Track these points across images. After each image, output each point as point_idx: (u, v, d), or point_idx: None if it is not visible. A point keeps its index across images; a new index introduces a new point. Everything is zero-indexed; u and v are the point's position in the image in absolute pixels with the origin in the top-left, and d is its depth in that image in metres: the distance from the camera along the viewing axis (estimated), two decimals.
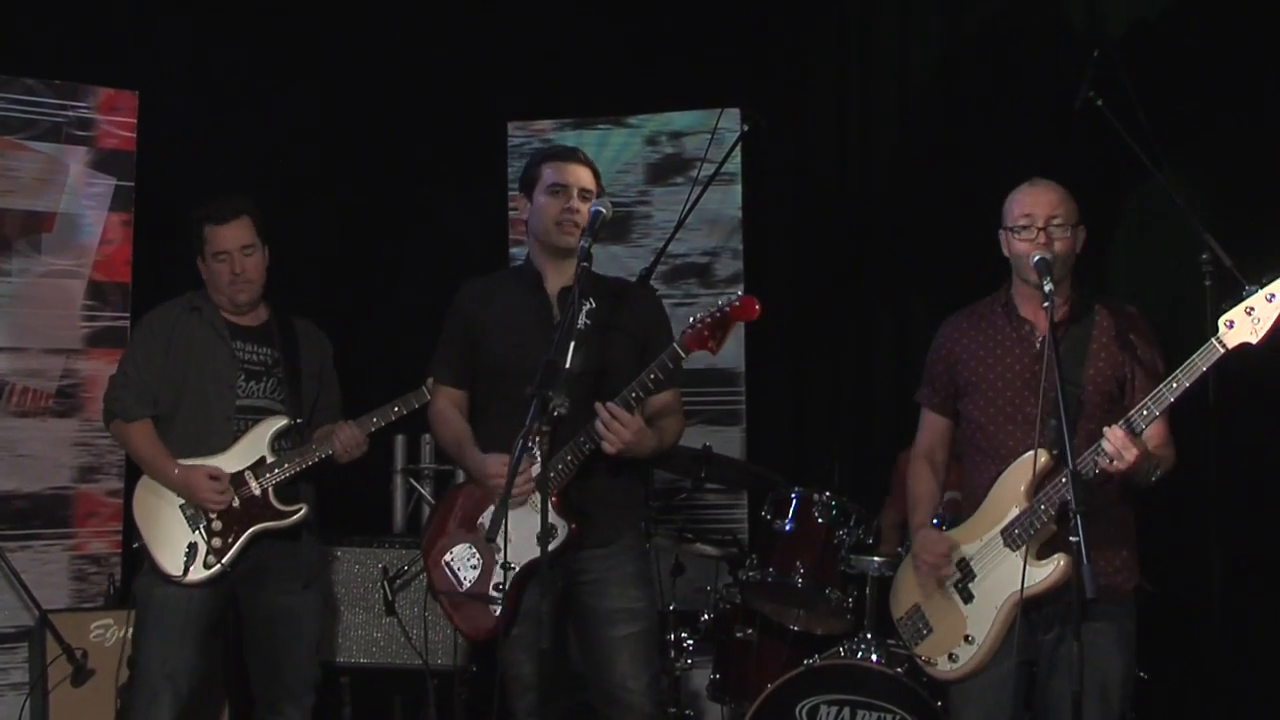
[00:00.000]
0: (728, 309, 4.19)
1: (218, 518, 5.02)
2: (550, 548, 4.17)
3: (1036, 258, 4.21)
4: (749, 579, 5.65)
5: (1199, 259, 5.02)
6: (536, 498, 4.26)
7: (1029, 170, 4.50)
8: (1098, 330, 4.36)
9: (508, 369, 4.45)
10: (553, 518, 4.25)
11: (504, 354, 4.49)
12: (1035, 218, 4.29)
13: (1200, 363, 3.98)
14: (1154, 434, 4.20)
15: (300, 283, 6.21)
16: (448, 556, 4.55)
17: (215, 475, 4.99)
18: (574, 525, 4.34)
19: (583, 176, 4.53)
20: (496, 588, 4.36)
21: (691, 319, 4.25)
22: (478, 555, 4.50)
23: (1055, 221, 4.29)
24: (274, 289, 5.29)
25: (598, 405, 4.21)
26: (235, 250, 5.12)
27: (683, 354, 4.22)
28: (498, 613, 4.35)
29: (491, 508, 4.38)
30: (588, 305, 4.46)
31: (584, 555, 4.42)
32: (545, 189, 4.51)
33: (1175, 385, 4.01)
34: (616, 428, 4.23)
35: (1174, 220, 5.42)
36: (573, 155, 4.57)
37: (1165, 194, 5.16)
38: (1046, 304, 4.11)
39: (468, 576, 4.50)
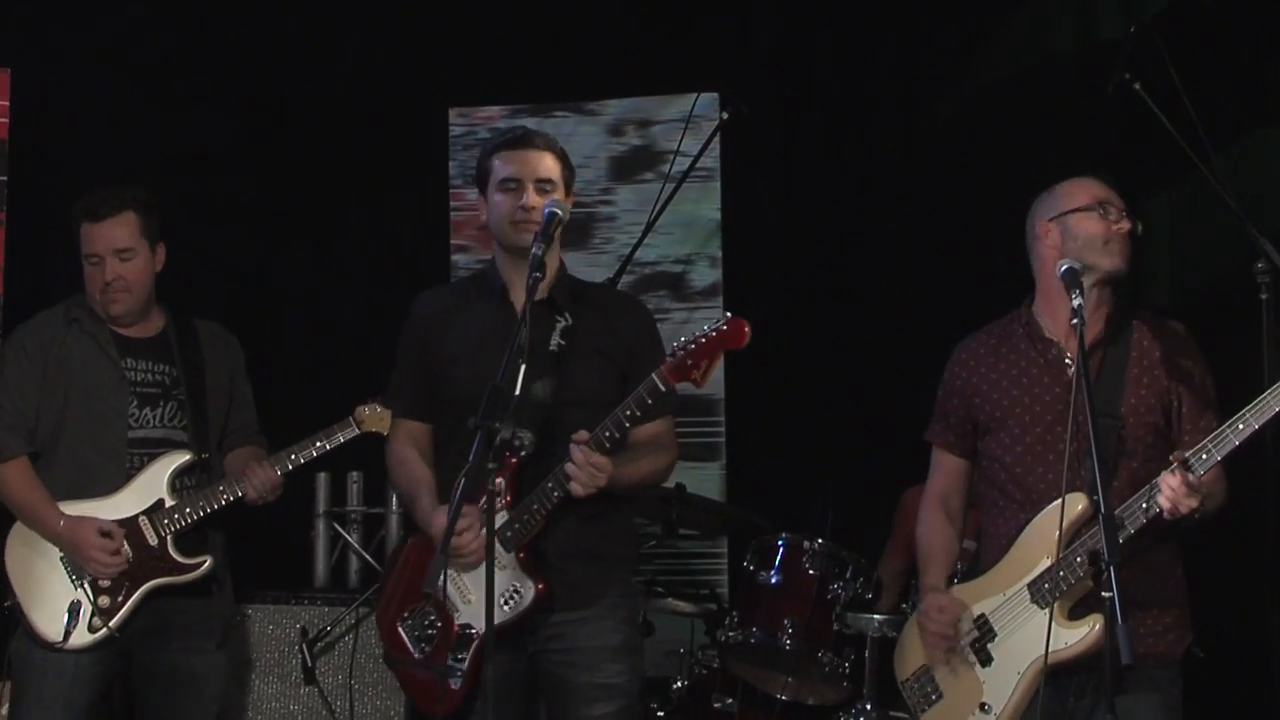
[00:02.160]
0: (713, 334, 4.16)
1: None
2: (512, 613, 4.20)
3: (1064, 267, 4.18)
4: (729, 640, 5.63)
5: (1254, 268, 4.99)
6: (500, 553, 4.22)
7: (1053, 164, 4.50)
8: (1136, 352, 4.33)
9: (471, 399, 4.33)
10: (517, 576, 4.25)
11: (466, 381, 4.41)
12: (1111, 198, 4.32)
13: (1274, 401, 3.97)
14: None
15: (206, 289, 6.19)
16: (403, 619, 4.50)
17: (107, 532, 4.92)
18: (541, 586, 4.29)
19: (541, 165, 4.47)
20: (457, 656, 4.31)
21: (673, 346, 4.21)
22: (435, 618, 4.44)
23: (1126, 213, 4.33)
24: (172, 294, 5.21)
25: (573, 445, 4.18)
26: (108, 254, 5.04)
27: (662, 387, 4.18)
28: (457, 685, 4.30)
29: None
30: (563, 322, 4.41)
31: (558, 620, 4.37)
32: (497, 185, 4.46)
33: (1242, 426, 3.99)
34: (590, 471, 4.18)
35: (1223, 222, 5.41)
36: (527, 141, 4.50)
37: (1213, 192, 5.14)
38: (1075, 321, 4.07)
39: (424, 644, 4.45)
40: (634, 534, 4.65)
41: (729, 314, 4.18)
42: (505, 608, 4.25)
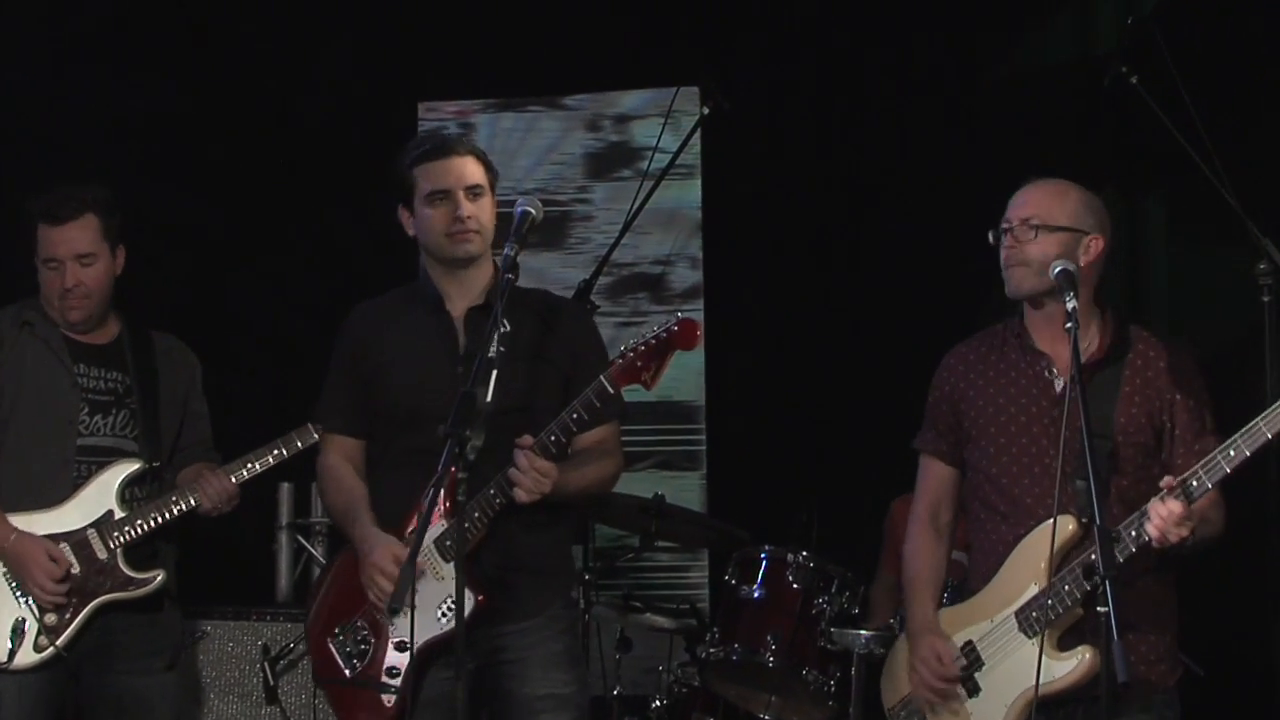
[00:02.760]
0: (664, 335, 4.15)
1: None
2: (447, 627, 4.17)
3: (1058, 268, 4.15)
4: (710, 657, 5.62)
5: (1256, 269, 4.99)
6: (439, 563, 4.23)
7: (1048, 161, 4.48)
8: (1130, 369, 4.31)
9: (407, 412, 4.39)
10: (454, 588, 4.16)
11: (402, 394, 4.44)
12: (1011, 218, 4.31)
13: (1265, 428, 3.95)
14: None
15: (162, 292, 6.15)
16: (334, 636, 4.48)
17: (56, 557, 4.87)
18: (481, 597, 4.23)
19: (466, 172, 4.47)
20: (390, 672, 4.29)
21: (621, 347, 4.21)
22: (368, 634, 4.42)
23: (1033, 221, 4.27)
24: (127, 298, 5.16)
25: (517, 451, 4.19)
26: (69, 259, 4.99)
27: (610, 389, 4.18)
28: (391, 703, 4.29)
29: None
30: (502, 328, 4.36)
31: (500, 631, 4.36)
32: (425, 199, 4.46)
33: (1233, 453, 3.97)
34: (535, 477, 4.18)
35: (1224, 223, 5.39)
36: (448, 148, 4.51)
37: (1214, 191, 5.13)
38: (1069, 324, 4.05)
39: (356, 660, 4.43)
40: (570, 546, 4.66)
41: (679, 314, 4.19)
42: (443, 620, 4.24)
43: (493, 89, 7.32)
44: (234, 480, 5.04)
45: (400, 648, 4.29)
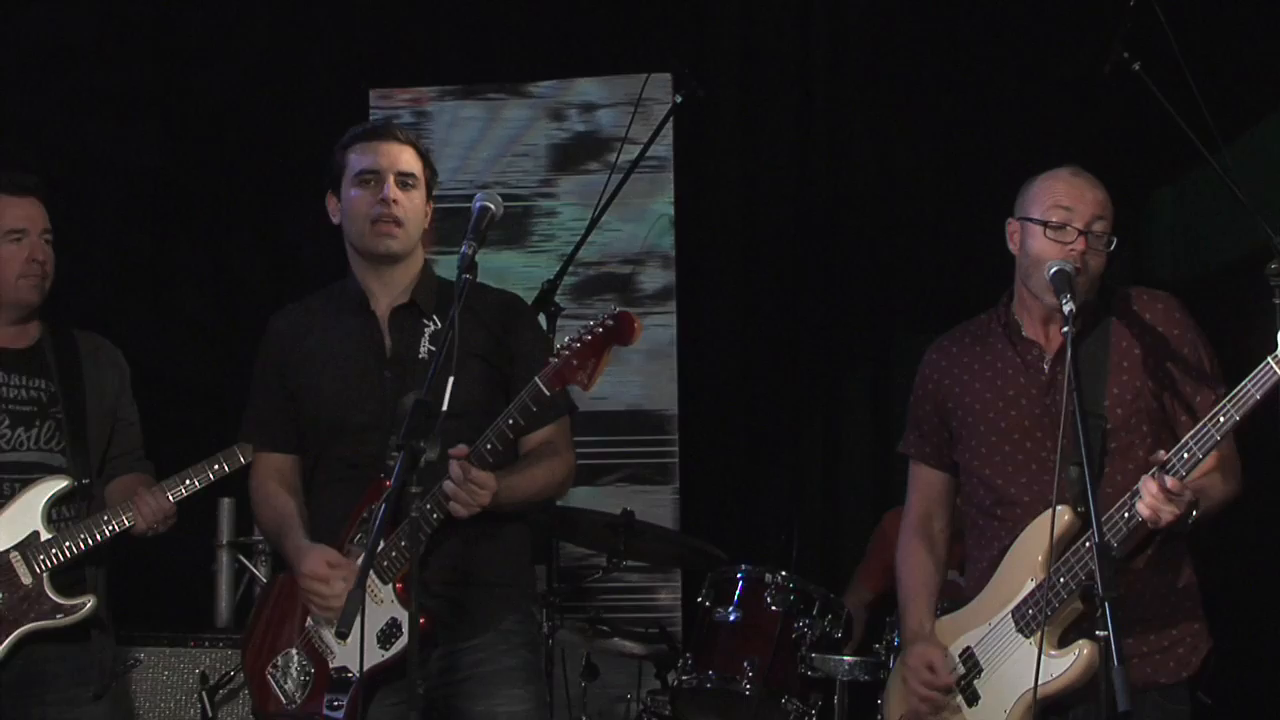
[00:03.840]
0: (599, 331, 4.14)
1: None
2: (392, 651, 4.18)
3: (1054, 269, 4.15)
4: (682, 684, 5.61)
5: (1267, 268, 4.98)
6: (376, 585, 4.22)
7: (1041, 156, 4.47)
8: (1117, 335, 4.32)
9: (333, 421, 4.39)
10: (395, 610, 4.21)
11: (327, 403, 4.44)
12: (1076, 214, 4.23)
13: (1254, 389, 3.95)
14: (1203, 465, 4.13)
15: (87, 296, 6.12)
16: (272, 666, 4.47)
17: None
18: (422, 620, 4.11)
19: (400, 157, 4.47)
20: (332, 704, 4.27)
21: (556, 345, 4.19)
22: (308, 663, 4.41)
23: (1098, 227, 4.25)
24: (48, 301, 5.11)
25: (452, 461, 4.16)
26: (36, 233, 5.00)
27: (546, 392, 4.16)
28: None
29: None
30: (430, 326, 4.42)
31: (450, 650, 4.37)
32: (353, 178, 4.47)
33: (1222, 420, 3.97)
34: (471, 489, 4.16)
35: (1233, 218, 5.40)
36: (386, 132, 4.52)
37: (1222, 184, 5.13)
38: (1066, 329, 4.03)
39: (295, 691, 4.42)
40: (527, 553, 4.62)
41: (616, 307, 4.17)
42: (384, 647, 4.24)
43: (450, 75, 7.31)
44: (171, 498, 5.01)
45: (340, 676, 4.28)
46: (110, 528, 4.97)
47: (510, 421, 4.17)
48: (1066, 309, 4.05)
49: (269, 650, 4.48)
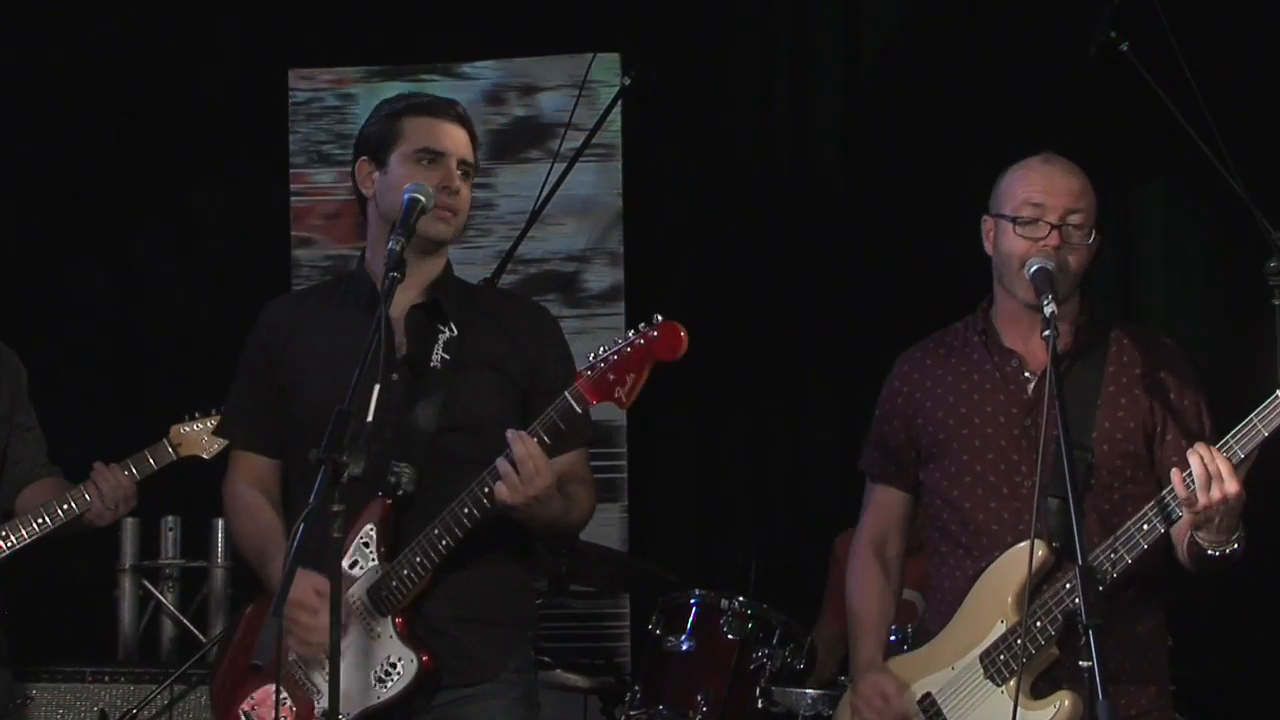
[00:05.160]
0: (641, 342, 4.10)
1: None
2: (389, 693, 4.14)
3: (1035, 267, 4.16)
4: (632, 719, 5.62)
5: (1265, 267, 5.01)
6: (375, 617, 4.17)
7: (1022, 143, 4.47)
8: (1113, 367, 4.32)
9: (324, 428, 4.30)
10: (394, 647, 4.18)
11: (321, 404, 4.28)
12: (1048, 208, 4.24)
13: (1261, 425, 3.96)
14: None
15: None
16: (247, 704, 4.40)
17: None
18: (426, 658, 4.22)
19: (462, 142, 4.44)
20: None
21: (590, 357, 4.14)
22: (289, 703, 4.32)
23: (1074, 219, 4.25)
24: None
25: (510, 434, 4.11)
26: None
27: (577, 408, 4.13)
28: None
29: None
30: (446, 333, 4.36)
31: (444, 700, 4.32)
32: (410, 155, 4.40)
33: (1227, 456, 3.97)
34: (530, 471, 4.08)
35: (1228, 212, 5.43)
36: (448, 109, 4.48)
37: (1217, 176, 5.16)
38: (1047, 333, 4.04)
39: None
40: (531, 588, 4.64)
41: (659, 316, 4.12)
42: (380, 687, 4.19)
43: (376, 54, 7.32)
44: (129, 475, 5.01)
45: None
46: (65, 509, 4.96)
47: (535, 440, 4.13)
48: (1047, 310, 4.04)
49: (241, 687, 4.40)
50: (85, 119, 7.23)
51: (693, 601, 5.62)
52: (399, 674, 4.19)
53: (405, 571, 4.20)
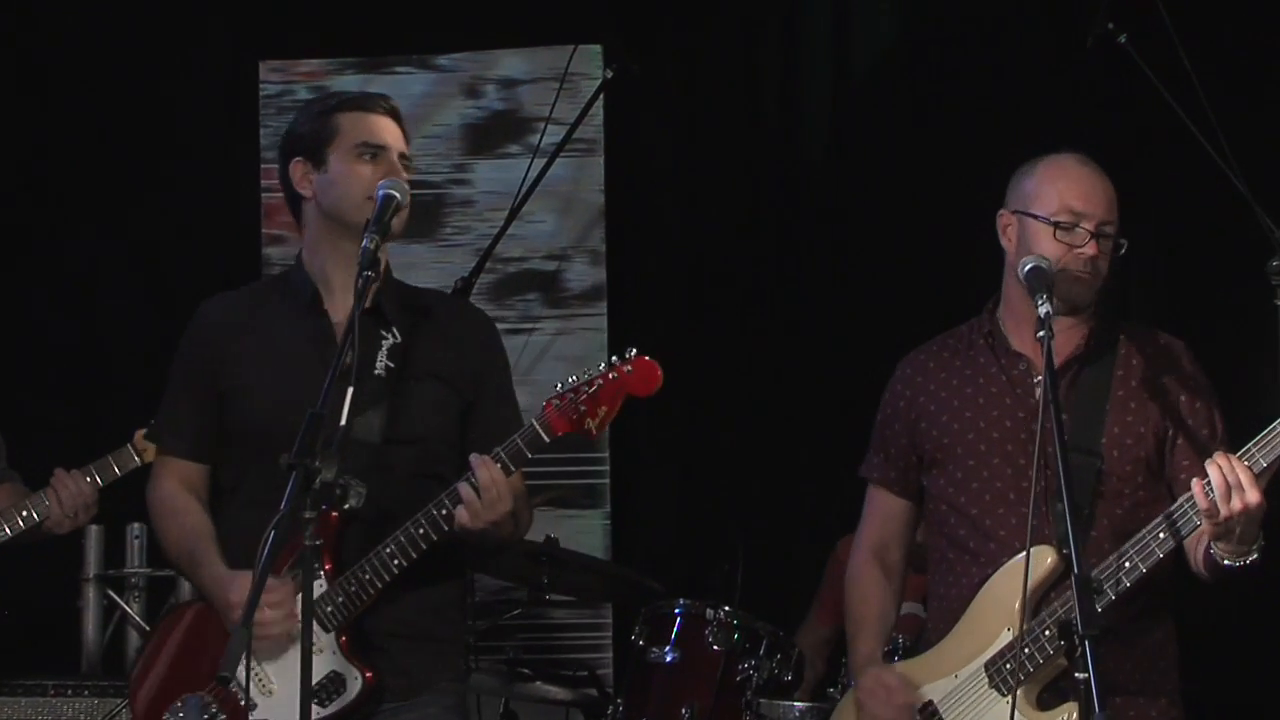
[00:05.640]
0: (613, 376, 4.18)
1: None
2: (330, 710, 4.15)
3: (1029, 265, 4.17)
4: None
5: (1268, 266, 5.02)
6: (319, 633, 4.16)
7: (1018, 139, 4.50)
8: (1122, 370, 4.34)
9: (270, 435, 4.32)
10: (337, 663, 4.18)
11: (264, 414, 4.39)
12: (1086, 216, 4.27)
13: None
14: None
15: None
16: (170, 714, 4.37)
17: None
18: (369, 675, 4.26)
19: (400, 137, 4.50)
20: None
21: (559, 387, 4.20)
22: (219, 712, 4.33)
23: (1108, 229, 4.30)
24: None
25: (474, 458, 4.18)
26: None
27: (545, 438, 4.22)
28: None
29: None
30: (390, 339, 4.38)
31: (375, 711, 4.34)
32: (351, 151, 4.43)
33: (1249, 465, 3.98)
34: (493, 496, 4.16)
35: (1228, 209, 5.43)
36: (382, 104, 4.53)
37: (1218, 172, 5.17)
38: (1041, 334, 4.05)
39: None
40: (464, 604, 4.73)
41: (634, 350, 4.18)
42: (320, 705, 4.20)
43: (350, 46, 7.30)
44: (90, 482, 5.00)
45: None
46: (24, 516, 4.95)
47: (499, 466, 4.18)
48: (1041, 311, 4.05)
49: (166, 696, 4.39)
50: (48, 112, 7.22)
51: (677, 611, 5.63)
52: (342, 690, 4.22)
53: (354, 589, 4.23)
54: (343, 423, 3.88)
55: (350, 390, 3.92)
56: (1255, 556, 4.08)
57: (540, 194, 6.53)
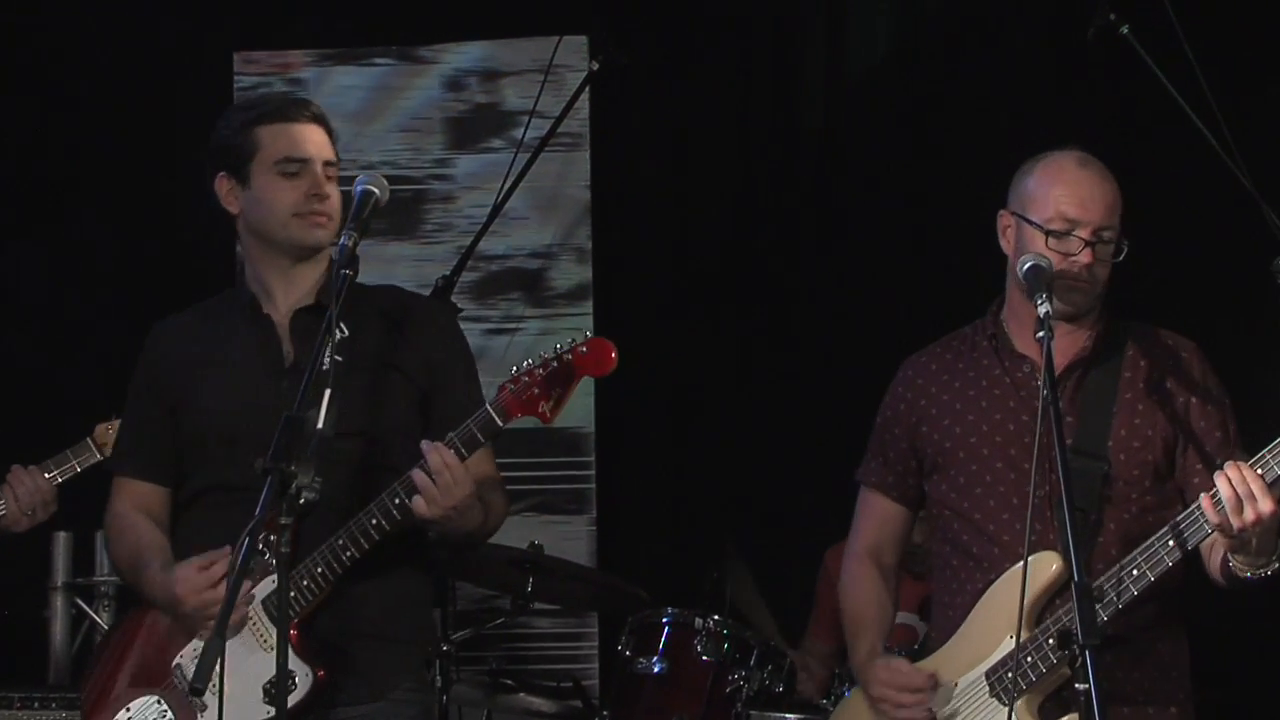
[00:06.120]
0: (568, 358, 4.17)
1: None
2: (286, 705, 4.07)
3: (1028, 264, 4.16)
4: None
5: (1273, 263, 5.03)
6: (268, 629, 4.19)
7: (1017, 133, 4.49)
8: (1130, 372, 4.34)
9: (221, 441, 4.36)
10: (290, 660, 4.08)
11: (214, 420, 4.42)
12: (1082, 223, 4.25)
13: None
14: None
15: None
16: (124, 715, 4.40)
17: None
18: (321, 673, 4.24)
19: (324, 144, 4.51)
20: None
21: (514, 370, 4.19)
22: (171, 714, 4.34)
23: (1106, 234, 4.28)
24: None
25: (425, 444, 4.17)
26: None
27: (500, 422, 4.20)
28: None
29: (192, 644, 4.31)
30: (338, 333, 4.30)
31: (337, 716, 4.32)
32: (273, 165, 4.45)
33: (1261, 473, 3.96)
34: (447, 480, 4.14)
35: (1232, 205, 5.44)
36: (302, 111, 4.53)
37: (1221, 166, 5.17)
38: (1040, 334, 4.05)
39: None
40: (429, 606, 4.69)
41: (588, 332, 4.19)
42: (272, 703, 4.19)
43: (328, 37, 7.30)
44: (48, 478, 5.00)
45: None
46: None
47: (452, 450, 4.18)
48: (1041, 310, 4.05)
49: (118, 699, 4.40)
50: (15, 104, 7.21)
51: (665, 620, 5.65)
52: (294, 688, 4.18)
53: (305, 582, 4.22)
54: (319, 426, 3.88)
55: (328, 392, 3.92)
56: (1277, 565, 4.08)
57: (524, 190, 6.54)
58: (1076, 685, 3.74)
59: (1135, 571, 4.07)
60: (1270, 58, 6.14)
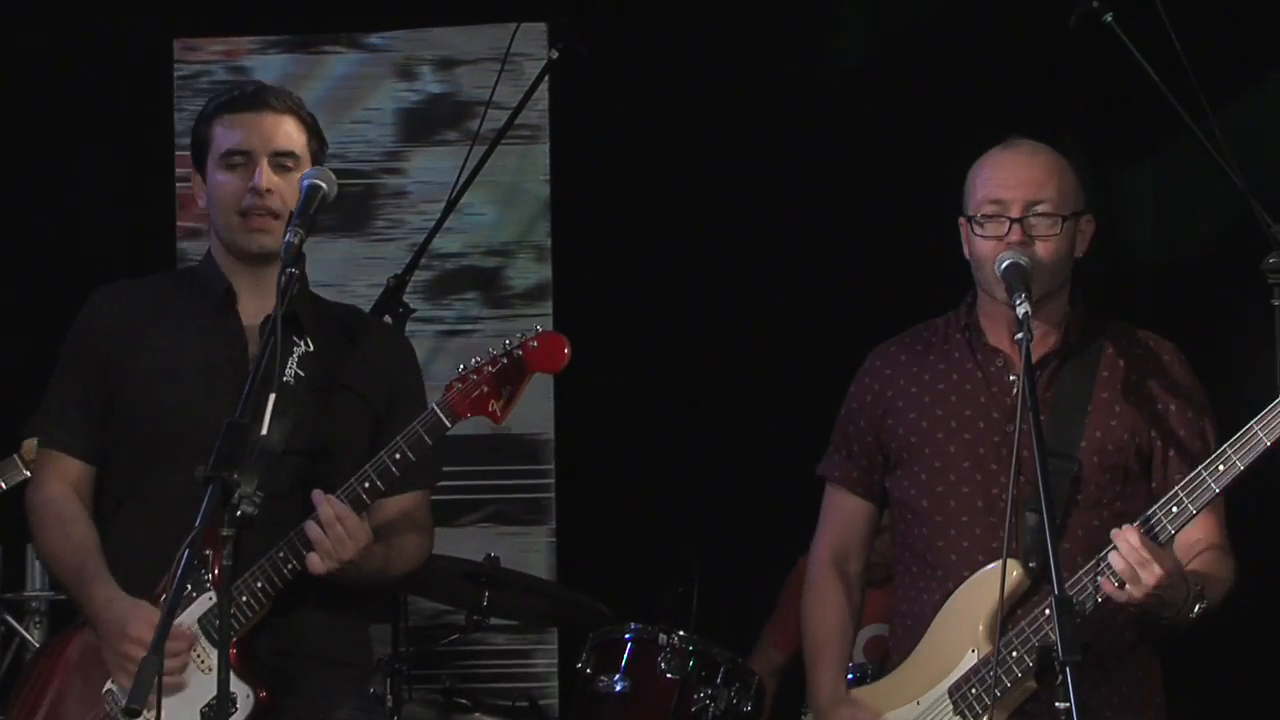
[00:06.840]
0: (518, 354, 4.22)
1: None
2: None
3: (1005, 263, 4.19)
4: None
5: (1264, 262, 5.04)
6: (206, 650, 4.18)
7: (995, 125, 4.53)
8: (1106, 371, 4.36)
9: (168, 439, 4.34)
10: (230, 681, 4.05)
11: (164, 414, 4.39)
12: (1008, 203, 4.29)
13: (1262, 433, 4.00)
14: (1197, 538, 4.21)
15: None
16: None
17: None
18: (263, 694, 4.25)
19: (276, 131, 4.48)
20: None
21: (461, 368, 4.22)
22: None
23: (1040, 208, 4.29)
24: None
25: (317, 497, 4.20)
26: None
27: (447, 422, 4.22)
28: None
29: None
30: (301, 347, 4.38)
31: None
32: (220, 159, 4.48)
33: (1222, 469, 4.02)
34: (339, 533, 4.16)
35: (1220, 202, 5.46)
36: (259, 100, 4.51)
37: (1209, 161, 5.18)
38: (1020, 335, 4.08)
39: None
40: (368, 628, 4.69)
41: (540, 327, 4.22)
42: None
43: (273, 22, 7.29)
44: None
45: None
46: None
47: (398, 456, 4.21)
48: (1020, 311, 4.09)
49: None
50: None
51: (628, 637, 5.64)
52: (235, 710, 4.18)
53: (244, 599, 4.21)
54: (264, 432, 3.90)
55: (272, 397, 3.93)
56: (1203, 605, 4.12)
57: (480, 184, 6.50)
58: (1057, 704, 3.73)
59: (1098, 580, 4.10)
60: (1259, 47, 6.15)
